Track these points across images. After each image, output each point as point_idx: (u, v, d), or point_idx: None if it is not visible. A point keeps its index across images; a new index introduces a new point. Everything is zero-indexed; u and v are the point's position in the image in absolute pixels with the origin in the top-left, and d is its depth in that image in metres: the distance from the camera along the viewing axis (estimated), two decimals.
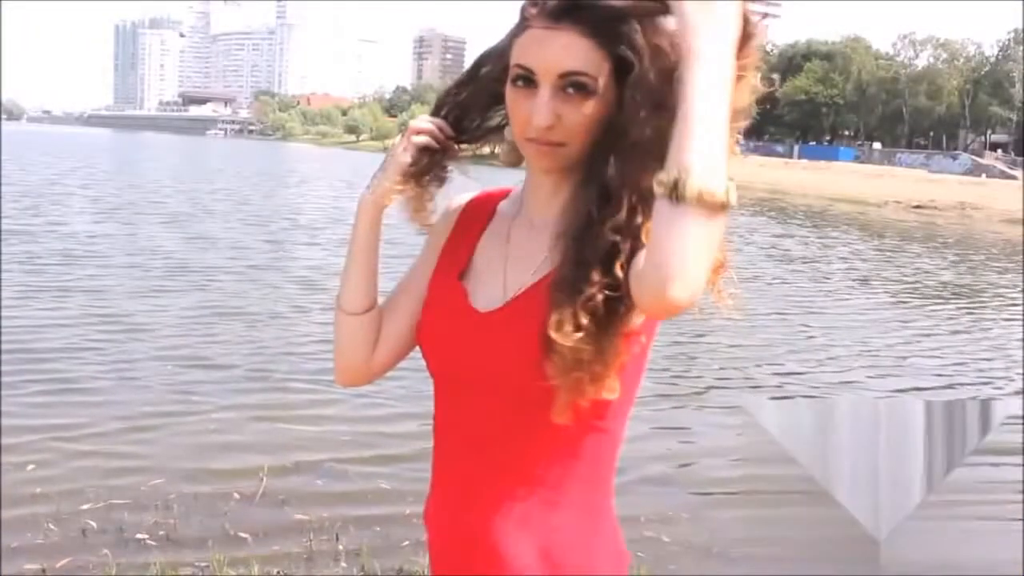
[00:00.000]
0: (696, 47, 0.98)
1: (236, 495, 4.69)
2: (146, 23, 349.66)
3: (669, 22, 1.10)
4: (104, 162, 43.49)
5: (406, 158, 1.29)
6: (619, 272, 1.10)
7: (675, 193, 0.95)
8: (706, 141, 0.96)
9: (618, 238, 1.12)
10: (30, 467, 4.94)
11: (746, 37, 1.03)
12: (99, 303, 9.30)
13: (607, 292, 1.11)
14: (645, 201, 1.10)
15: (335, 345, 1.37)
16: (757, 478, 5.31)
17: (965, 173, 58.57)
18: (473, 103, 1.29)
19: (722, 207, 0.96)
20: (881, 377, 8.12)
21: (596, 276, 1.11)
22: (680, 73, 0.99)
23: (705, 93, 0.97)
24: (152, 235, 15.31)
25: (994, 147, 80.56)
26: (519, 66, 1.18)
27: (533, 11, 1.17)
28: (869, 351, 9.18)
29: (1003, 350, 9.66)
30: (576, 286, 1.12)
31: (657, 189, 0.97)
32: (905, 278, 15.66)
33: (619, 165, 1.15)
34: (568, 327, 1.11)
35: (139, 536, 4.19)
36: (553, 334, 1.12)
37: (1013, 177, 55.23)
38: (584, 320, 1.11)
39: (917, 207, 36.27)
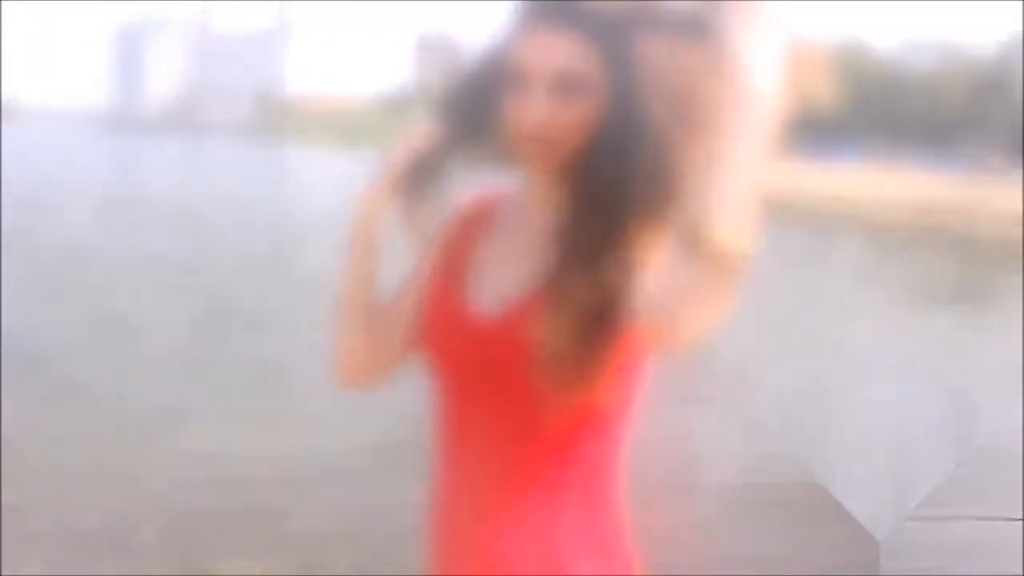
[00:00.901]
0: (739, 79, 0.93)
1: (238, 501, 4.67)
2: (146, 23, 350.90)
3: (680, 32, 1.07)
4: (104, 162, 43.52)
5: (403, 161, 1.29)
6: (607, 274, 1.09)
7: (692, 238, 0.93)
8: (734, 187, 0.93)
9: (598, 237, 1.11)
10: (30, 470, 4.93)
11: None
12: (100, 305, 9.30)
13: (590, 293, 1.10)
14: (632, 205, 1.10)
15: (335, 346, 1.37)
16: (760, 481, 5.29)
17: (966, 173, 58.61)
18: (472, 104, 1.28)
19: (738, 260, 0.93)
20: (890, 381, 8.09)
21: (573, 273, 1.11)
22: (703, 97, 0.95)
23: (743, 133, 0.93)
24: (153, 236, 15.32)
25: (994, 147, 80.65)
26: (513, 65, 1.17)
27: (527, 10, 1.17)
28: (878, 353, 9.15)
29: (1012, 352, 9.61)
30: (553, 282, 1.12)
31: (673, 228, 0.94)
32: (910, 279, 15.66)
33: (607, 165, 1.14)
34: (539, 322, 1.11)
35: (139, 541, 4.17)
36: (529, 327, 1.12)
37: (1013, 177, 55.26)
38: (558, 316, 1.10)
39: (919, 208, 36.28)
